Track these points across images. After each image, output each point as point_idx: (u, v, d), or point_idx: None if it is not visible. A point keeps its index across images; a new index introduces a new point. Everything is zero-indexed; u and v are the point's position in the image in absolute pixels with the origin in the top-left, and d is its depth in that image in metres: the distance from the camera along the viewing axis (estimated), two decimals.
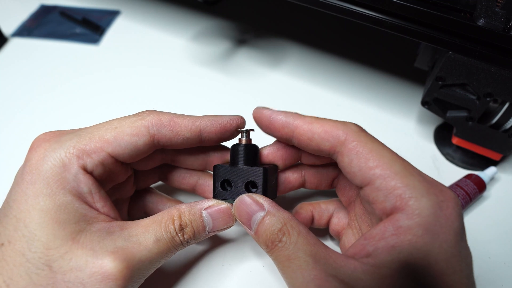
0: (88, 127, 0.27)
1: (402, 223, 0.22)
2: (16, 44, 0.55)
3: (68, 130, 0.27)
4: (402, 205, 0.22)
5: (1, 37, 0.54)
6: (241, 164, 0.28)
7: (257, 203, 0.26)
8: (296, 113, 0.27)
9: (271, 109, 0.28)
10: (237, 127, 0.29)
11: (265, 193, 0.27)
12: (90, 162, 0.25)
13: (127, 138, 0.26)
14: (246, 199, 0.26)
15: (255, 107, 0.28)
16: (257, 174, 0.27)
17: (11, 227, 0.23)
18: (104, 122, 0.27)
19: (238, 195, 0.27)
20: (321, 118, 0.26)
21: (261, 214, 0.25)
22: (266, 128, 0.28)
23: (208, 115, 0.29)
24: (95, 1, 0.62)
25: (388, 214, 0.23)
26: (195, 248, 0.34)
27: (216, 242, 0.34)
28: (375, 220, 0.25)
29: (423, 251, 0.21)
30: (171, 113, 0.28)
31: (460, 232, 0.22)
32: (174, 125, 0.27)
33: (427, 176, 0.24)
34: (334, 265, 0.22)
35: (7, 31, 0.56)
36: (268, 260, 0.33)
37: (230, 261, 0.33)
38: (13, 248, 0.23)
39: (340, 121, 0.26)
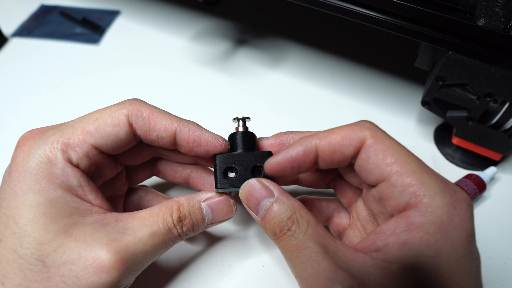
0: (70, 121, 0.27)
1: (415, 220, 0.22)
2: (16, 44, 0.55)
3: (52, 125, 0.27)
4: (416, 202, 0.22)
5: (1, 37, 0.54)
6: (242, 150, 0.27)
7: (266, 188, 0.25)
8: (306, 136, 0.26)
9: (280, 153, 0.26)
10: (215, 148, 0.27)
11: (272, 178, 0.27)
12: (74, 155, 0.25)
13: (108, 129, 0.26)
14: (256, 184, 0.25)
15: (264, 164, 0.26)
16: (263, 158, 0.27)
17: (1, 225, 0.23)
18: (86, 114, 0.27)
19: (243, 181, 0.26)
20: (331, 129, 0.26)
21: (270, 200, 0.25)
22: (292, 170, 0.26)
23: (194, 122, 0.28)
24: (95, 1, 0.62)
25: (401, 211, 0.23)
26: (195, 248, 0.34)
27: (216, 242, 0.34)
28: (382, 221, 0.25)
29: (434, 249, 0.21)
30: (155, 107, 0.27)
31: (472, 233, 0.22)
32: (152, 119, 0.27)
33: (441, 176, 0.24)
34: (344, 258, 0.22)
35: (7, 31, 0.56)
36: (268, 260, 0.33)
37: (230, 261, 0.33)
38: (4, 246, 0.23)
39: (353, 123, 0.25)
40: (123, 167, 0.30)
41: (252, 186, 0.26)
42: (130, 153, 0.29)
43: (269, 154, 0.27)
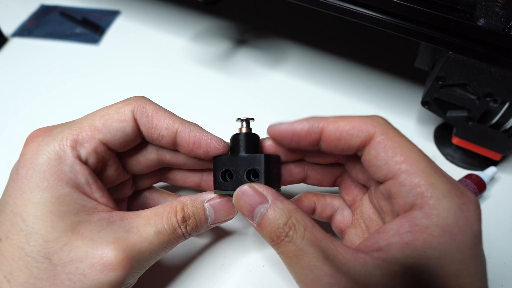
0: (77, 119, 0.27)
1: (419, 221, 0.22)
2: (16, 44, 0.55)
3: (59, 124, 0.27)
4: (422, 203, 0.22)
5: (1, 37, 0.54)
6: (241, 153, 0.27)
7: (260, 194, 0.25)
8: (316, 117, 0.26)
9: (286, 122, 0.26)
10: (214, 150, 0.28)
11: (267, 182, 0.26)
12: (83, 151, 0.25)
13: (115, 125, 0.26)
14: (248, 190, 0.25)
15: (268, 125, 0.27)
16: (258, 161, 0.26)
17: (8, 222, 0.23)
18: (92, 112, 0.27)
19: (240, 185, 0.26)
20: (342, 116, 0.26)
21: (264, 206, 0.24)
22: (291, 141, 0.26)
23: (196, 124, 0.28)
24: (95, 1, 0.62)
25: (407, 210, 0.23)
26: (195, 248, 0.34)
27: (216, 241, 0.34)
28: (388, 220, 0.25)
29: (438, 251, 0.21)
30: (159, 106, 0.28)
31: (479, 235, 0.22)
32: (156, 117, 0.27)
33: (451, 177, 0.23)
34: (343, 260, 0.22)
35: (7, 31, 0.56)
36: (268, 260, 0.33)
37: (230, 261, 0.33)
38: (11, 243, 0.23)
39: (365, 116, 0.25)
40: (130, 176, 0.30)
41: (245, 192, 0.25)
42: (137, 161, 0.29)
43: (266, 157, 0.26)
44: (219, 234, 0.35)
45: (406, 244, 0.22)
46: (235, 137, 0.28)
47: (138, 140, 0.28)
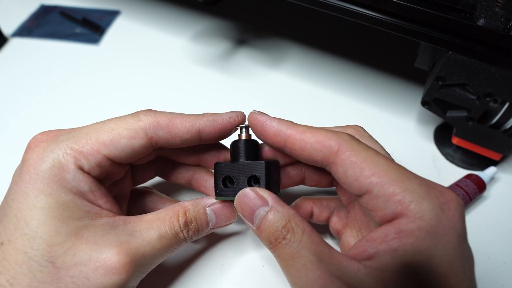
0: (84, 127, 0.27)
1: (404, 227, 0.22)
2: (16, 44, 0.55)
3: (65, 129, 0.27)
4: (403, 210, 0.22)
5: (1, 37, 0.54)
6: (242, 159, 0.28)
7: (261, 198, 0.25)
8: (290, 122, 0.27)
9: (265, 115, 0.27)
10: (239, 124, 0.29)
11: (268, 187, 0.27)
12: (87, 164, 0.25)
13: (124, 141, 0.26)
14: (250, 193, 0.26)
15: (251, 110, 0.28)
16: (259, 168, 0.27)
17: (11, 226, 0.23)
18: (100, 122, 0.27)
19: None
20: (314, 127, 0.26)
21: (264, 209, 0.24)
22: (259, 134, 0.28)
23: (207, 114, 0.28)
24: (95, 1, 0.62)
25: (389, 220, 0.23)
26: (195, 248, 0.34)
27: (216, 242, 0.34)
28: (375, 224, 0.25)
29: (425, 254, 0.21)
30: (169, 113, 0.28)
31: (463, 234, 0.22)
32: (172, 126, 0.27)
33: (426, 179, 0.24)
34: (338, 265, 0.22)
35: (7, 31, 0.56)
36: (268, 260, 0.33)
37: (230, 261, 0.33)
38: (13, 247, 0.23)
39: (333, 131, 0.25)
40: (128, 167, 0.30)
41: (246, 195, 0.26)
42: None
43: (267, 163, 0.27)
44: (219, 234, 0.35)
45: (394, 251, 0.22)
46: (235, 144, 0.29)
47: (147, 153, 0.28)
